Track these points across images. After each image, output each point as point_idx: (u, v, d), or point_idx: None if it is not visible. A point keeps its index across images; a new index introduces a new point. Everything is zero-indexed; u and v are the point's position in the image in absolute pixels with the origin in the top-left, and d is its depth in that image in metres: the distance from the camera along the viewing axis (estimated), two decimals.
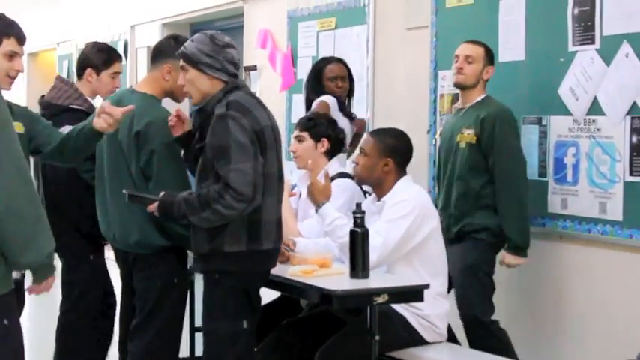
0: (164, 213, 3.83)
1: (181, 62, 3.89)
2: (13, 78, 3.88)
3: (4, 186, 2.74)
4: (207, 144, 3.75)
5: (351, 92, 5.79)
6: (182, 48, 3.88)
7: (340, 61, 5.77)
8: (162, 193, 3.84)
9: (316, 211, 4.29)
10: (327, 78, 5.63)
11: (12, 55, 3.82)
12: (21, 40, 3.82)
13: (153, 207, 3.85)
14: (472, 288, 4.71)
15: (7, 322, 2.86)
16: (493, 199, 4.75)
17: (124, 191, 3.97)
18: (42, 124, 4.13)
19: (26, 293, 3.21)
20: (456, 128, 4.89)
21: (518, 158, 4.76)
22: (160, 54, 4.29)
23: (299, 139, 4.80)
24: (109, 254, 4.63)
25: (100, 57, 4.95)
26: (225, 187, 3.64)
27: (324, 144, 4.78)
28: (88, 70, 4.94)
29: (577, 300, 4.88)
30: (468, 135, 4.78)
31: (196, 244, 3.83)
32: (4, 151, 2.75)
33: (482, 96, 4.88)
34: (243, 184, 3.64)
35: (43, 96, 5.01)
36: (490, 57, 4.93)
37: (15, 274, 2.95)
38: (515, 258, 4.75)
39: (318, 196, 4.27)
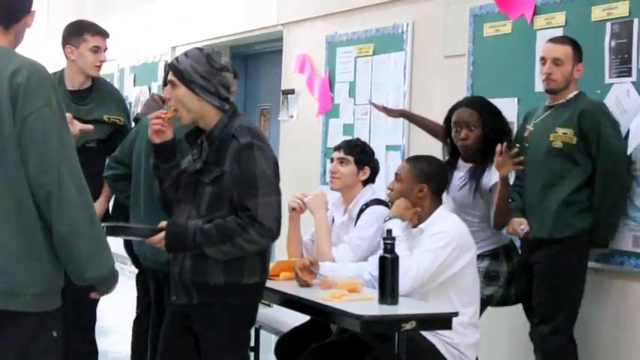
0: (174, 243, 3.60)
1: (171, 76, 3.66)
2: None
3: (66, 208, 2.81)
4: (229, 172, 3.57)
5: (491, 138, 4.69)
6: (174, 61, 3.64)
7: (470, 104, 4.84)
8: (166, 223, 3.65)
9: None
10: (451, 126, 4.87)
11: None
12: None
13: (157, 238, 3.62)
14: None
15: (56, 335, 2.94)
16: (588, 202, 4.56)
17: (102, 224, 3.62)
18: None
19: None
20: (547, 127, 4.62)
21: (623, 155, 4.52)
22: None
23: (342, 161, 4.72)
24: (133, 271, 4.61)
25: None
26: (251, 221, 3.51)
27: (366, 172, 4.74)
28: None
29: (608, 332, 4.84)
30: (564, 134, 4.55)
31: (206, 274, 3.60)
32: (66, 174, 2.82)
33: (575, 92, 4.63)
34: (270, 219, 3.53)
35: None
36: (578, 53, 4.62)
37: None
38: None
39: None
